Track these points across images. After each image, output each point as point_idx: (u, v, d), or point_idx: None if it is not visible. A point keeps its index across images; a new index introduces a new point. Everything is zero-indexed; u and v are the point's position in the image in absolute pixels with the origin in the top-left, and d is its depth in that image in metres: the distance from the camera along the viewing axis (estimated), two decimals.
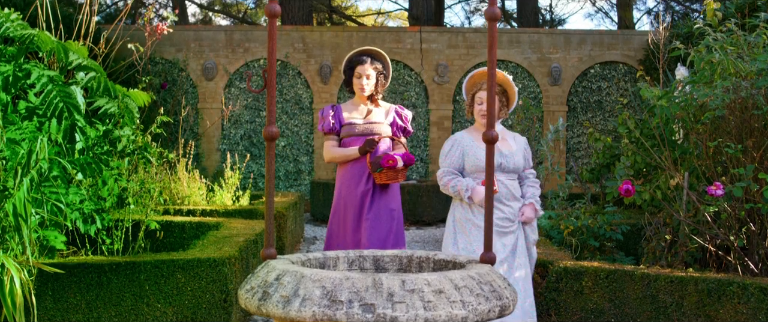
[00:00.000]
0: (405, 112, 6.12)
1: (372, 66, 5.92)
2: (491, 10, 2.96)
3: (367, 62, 5.91)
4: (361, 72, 5.89)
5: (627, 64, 16.84)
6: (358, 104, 6.02)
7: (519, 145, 5.46)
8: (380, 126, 5.93)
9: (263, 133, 2.93)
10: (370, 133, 5.87)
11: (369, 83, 5.91)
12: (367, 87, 5.91)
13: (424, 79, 16.75)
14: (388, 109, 6.10)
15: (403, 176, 5.78)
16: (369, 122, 5.93)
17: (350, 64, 5.98)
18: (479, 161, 5.28)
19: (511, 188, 5.31)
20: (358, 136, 5.86)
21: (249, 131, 16.54)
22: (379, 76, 5.96)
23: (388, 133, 5.94)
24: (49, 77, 5.67)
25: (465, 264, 3.05)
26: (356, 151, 5.79)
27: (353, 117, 5.95)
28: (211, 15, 33.16)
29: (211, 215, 8.56)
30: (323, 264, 3.18)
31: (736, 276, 5.11)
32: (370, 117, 5.97)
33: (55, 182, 5.38)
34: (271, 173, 2.95)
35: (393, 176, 5.71)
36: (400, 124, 6.06)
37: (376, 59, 6.00)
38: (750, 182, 5.40)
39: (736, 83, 5.71)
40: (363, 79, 5.89)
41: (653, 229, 6.19)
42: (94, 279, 5.22)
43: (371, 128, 5.90)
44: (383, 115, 6.04)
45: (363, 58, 5.92)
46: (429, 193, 13.40)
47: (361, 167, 5.84)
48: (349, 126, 5.90)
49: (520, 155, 5.40)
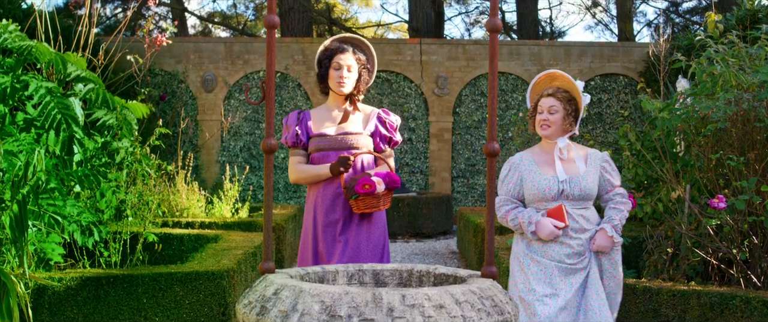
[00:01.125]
0: (390, 117, 4.92)
1: (355, 56, 4.80)
2: (492, 22, 2.93)
3: (349, 51, 4.79)
4: (341, 62, 4.75)
5: (627, 76, 16.83)
6: (331, 108, 4.85)
7: (592, 165, 4.55)
8: (358, 137, 4.77)
9: (262, 145, 2.90)
10: (346, 146, 4.73)
11: (350, 77, 4.77)
12: (347, 82, 4.76)
13: (424, 91, 16.74)
14: (368, 115, 4.89)
15: (387, 202, 4.62)
16: (343, 133, 4.76)
17: (327, 54, 4.83)
18: (540, 189, 4.45)
19: (579, 221, 4.45)
20: (329, 151, 4.73)
21: (248, 143, 16.51)
22: (362, 71, 4.84)
23: (368, 145, 4.79)
24: (47, 89, 5.64)
25: (466, 278, 3.01)
26: (327, 169, 4.65)
27: (324, 127, 4.80)
28: (210, 27, 33.19)
29: (209, 228, 8.52)
30: (322, 278, 3.14)
31: (738, 290, 5.07)
32: (346, 126, 4.80)
33: (53, 194, 5.34)
34: (269, 186, 2.91)
35: (373, 204, 4.56)
36: (384, 134, 4.88)
37: (360, 49, 4.90)
38: (752, 194, 5.37)
39: (738, 95, 5.69)
40: (343, 70, 4.75)
41: (655, 242, 6.16)
42: (91, 292, 5.18)
43: (346, 141, 4.74)
44: (362, 122, 4.86)
45: (344, 47, 4.81)
46: (429, 205, 13.36)
47: (336, 189, 4.71)
48: (319, 138, 4.75)
49: (593, 178, 4.50)
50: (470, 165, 16.81)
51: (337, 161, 4.58)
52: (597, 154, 4.60)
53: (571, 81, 4.54)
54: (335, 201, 4.69)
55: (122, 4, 26.92)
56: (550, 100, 4.54)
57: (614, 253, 4.48)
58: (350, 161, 4.56)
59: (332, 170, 4.61)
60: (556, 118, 4.52)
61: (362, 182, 4.49)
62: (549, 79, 4.67)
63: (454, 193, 16.68)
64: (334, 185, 4.69)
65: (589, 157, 4.56)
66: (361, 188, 4.46)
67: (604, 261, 4.46)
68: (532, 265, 4.41)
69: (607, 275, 4.47)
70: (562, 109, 4.52)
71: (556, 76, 4.64)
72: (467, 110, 16.86)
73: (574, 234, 4.40)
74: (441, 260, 10.70)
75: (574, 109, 4.55)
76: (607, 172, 4.56)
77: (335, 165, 4.59)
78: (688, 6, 29.03)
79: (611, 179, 4.57)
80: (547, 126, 4.55)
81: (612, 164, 4.61)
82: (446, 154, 16.70)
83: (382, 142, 4.88)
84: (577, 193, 4.42)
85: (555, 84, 4.63)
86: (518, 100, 16.86)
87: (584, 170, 4.49)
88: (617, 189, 4.60)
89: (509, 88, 16.87)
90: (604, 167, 4.56)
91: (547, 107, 4.54)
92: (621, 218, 4.49)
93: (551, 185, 4.43)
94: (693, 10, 28.52)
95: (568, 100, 4.52)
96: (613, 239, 4.41)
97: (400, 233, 13.11)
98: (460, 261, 10.59)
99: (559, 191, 4.42)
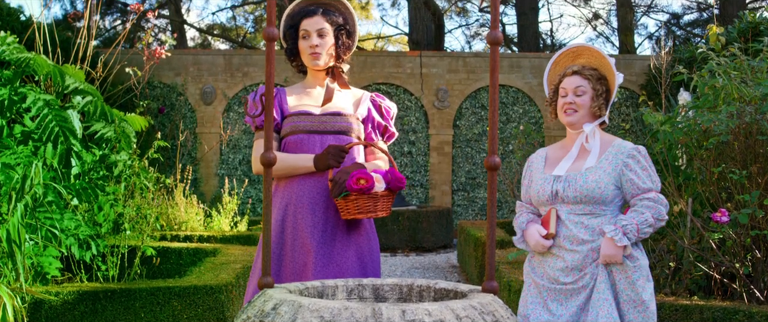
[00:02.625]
0: (386, 102, 3.91)
1: (326, 19, 3.73)
2: (493, 34, 2.90)
3: (318, 14, 3.73)
4: (309, 28, 3.69)
5: (629, 88, 16.83)
6: (310, 86, 3.83)
7: (609, 160, 3.58)
8: (347, 120, 3.71)
9: (260, 159, 2.87)
10: (333, 130, 3.67)
11: (323, 45, 3.70)
12: (322, 52, 3.70)
13: (424, 103, 16.72)
14: (359, 97, 3.88)
15: (385, 209, 3.50)
16: (330, 113, 3.70)
17: (292, 21, 3.79)
18: (535, 190, 3.68)
19: (573, 229, 3.56)
20: (311, 133, 3.64)
21: (248, 156, 16.49)
22: (339, 34, 3.77)
23: (360, 132, 3.76)
24: (45, 101, 5.62)
25: (467, 294, 2.98)
26: (310, 161, 3.57)
27: (304, 104, 3.74)
28: (210, 39, 33.23)
29: (208, 241, 8.49)
30: (321, 293, 3.11)
31: (741, 304, 5.03)
32: (332, 105, 3.75)
33: (50, 208, 5.31)
34: (268, 200, 2.88)
35: (368, 207, 3.45)
36: (379, 122, 3.85)
37: (331, 9, 3.80)
38: (755, 208, 5.34)
39: (741, 108, 5.66)
40: (313, 37, 3.69)
41: (657, 256, 6.12)
42: (88, 306, 5.14)
43: (333, 123, 3.68)
44: (352, 102, 3.83)
45: (310, 9, 3.74)
46: (429, 219, 13.33)
47: (316, 186, 3.62)
48: (297, 117, 3.67)
49: (603, 177, 3.54)
50: (471, 178, 16.79)
51: (326, 152, 3.53)
52: (621, 148, 3.59)
53: (601, 55, 3.72)
54: (315, 204, 3.60)
55: (121, 16, 26.97)
56: (575, 78, 3.69)
57: (630, 269, 3.49)
58: (344, 154, 3.55)
59: (318, 163, 3.55)
60: (584, 100, 3.65)
61: (356, 175, 3.39)
62: (572, 56, 3.82)
63: (455, 206, 16.65)
64: (314, 181, 3.62)
65: (608, 151, 3.61)
66: (354, 183, 3.37)
67: (619, 279, 3.51)
68: (532, 286, 3.67)
69: (625, 298, 3.51)
70: (591, 90, 3.66)
71: (581, 51, 3.79)
72: (468, 123, 16.85)
73: (568, 245, 3.54)
74: (441, 275, 10.66)
75: (606, 89, 3.70)
76: (631, 170, 3.54)
77: (323, 157, 3.54)
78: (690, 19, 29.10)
79: (636, 180, 3.54)
80: (572, 111, 3.67)
81: (641, 161, 3.56)
82: (446, 167, 16.68)
83: (375, 132, 3.86)
84: (571, 195, 3.54)
85: (580, 61, 3.79)
86: (519, 112, 16.86)
87: (590, 166, 3.59)
88: (648, 194, 3.54)
89: (510, 101, 16.85)
90: (627, 163, 3.54)
91: (572, 88, 3.67)
92: (639, 223, 3.46)
93: (545, 185, 3.63)
94: (694, 22, 28.58)
95: (598, 79, 3.68)
96: (618, 244, 3.43)
97: (399, 246, 13.07)
98: (460, 275, 10.54)
99: (552, 192, 3.60)
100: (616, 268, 3.50)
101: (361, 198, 3.40)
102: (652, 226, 3.50)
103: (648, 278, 3.55)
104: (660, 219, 3.51)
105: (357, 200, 3.41)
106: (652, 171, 3.57)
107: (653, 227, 3.51)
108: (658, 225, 3.51)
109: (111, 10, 26.75)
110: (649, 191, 3.53)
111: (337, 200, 3.45)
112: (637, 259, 3.53)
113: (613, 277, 3.51)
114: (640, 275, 3.52)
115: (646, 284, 3.52)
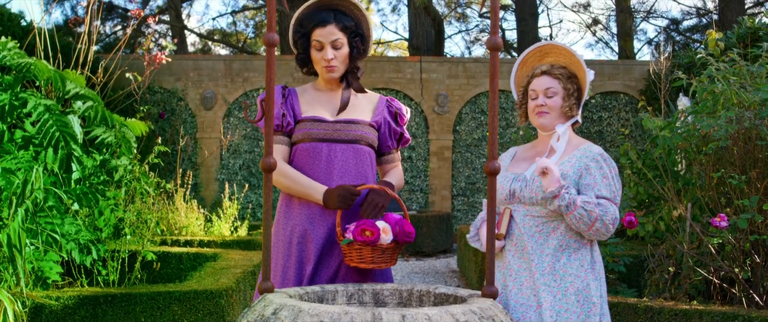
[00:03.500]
0: (402, 107, 3.77)
1: (340, 27, 3.53)
2: (493, 40, 2.91)
3: (331, 23, 3.52)
4: (323, 40, 3.51)
5: (628, 94, 16.83)
6: (322, 90, 3.66)
7: (571, 163, 3.33)
8: (362, 128, 3.58)
9: (261, 164, 2.87)
10: (347, 139, 3.53)
11: (339, 55, 3.55)
12: (337, 63, 3.55)
13: (424, 108, 16.73)
14: (375, 103, 3.71)
15: (391, 259, 3.34)
16: (346, 120, 3.56)
17: (303, 29, 3.58)
18: (499, 188, 3.41)
19: (526, 234, 3.32)
20: (326, 142, 3.52)
21: (248, 161, 16.49)
22: (353, 41, 3.59)
23: (373, 140, 3.63)
24: (46, 106, 5.63)
25: (467, 298, 2.98)
26: (321, 194, 3.41)
27: (316, 109, 3.58)
28: (210, 44, 33.25)
29: (208, 246, 8.50)
30: (322, 298, 3.11)
31: (740, 309, 5.03)
32: (347, 112, 3.60)
33: (51, 212, 5.32)
34: (268, 204, 2.89)
35: (372, 258, 3.28)
36: (395, 128, 3.72)
37: (345, 14, 3.60)
38: (754, 213, 5.35)
39: (740, 113, 5.67)
40: (328, 51, 3.52)
41: (656, 261, 6.13)
42: (89, 311, 5.15)
43: (349, 131, 3.54)
44: (368, 108, 3.68)
45: (324, 17, 3.52)
46: (429, 223, 13.33)
47: (333, 219, 3.48)
48: (312, 123, 3.52)
49: (569, 176, 3.29)
50: (470, 183, 16.79)
51: (336, 194, 3.37)
52: (587, 151, 3.37)
53: (569, 52, 3.49)
54: (329, 236, 3.48)
55: (122, 21, 27.00)
56: (545, 79, 3.47)
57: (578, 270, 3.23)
58: (354, 197, 3.38)
59: (328, 202, 3.40)
60: (556, 101, 3.45)
61: (361, 226, 3.24)
62: (539, 55, 3.59)
63: (455, 211, 16.65)
64: (331, 214, 3.48)
65: (573, 153, 3.39)
66: (359, 234, 3.22)
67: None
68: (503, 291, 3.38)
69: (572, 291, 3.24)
70: (562, 89, 3.45)
71: (548, 49, 3.56)
72: (467, 128, 16.85)
73: (510, 256, 3.36)
74: (441, 279, 10.66)
75: (577, 88, 3.49)
76: (590, 174, 3.30)
77: (333, 197, 3.38)
78: (689, 24, 29.13)
79: (592, 185, 3.28)
80: (544, 113, 3.47)
81: (604, 168, 3.32)
82: (446, 172, 16.68)
83: (390, 139, 3.71)
84: (527, 195, 3.31)
85: (548, 60, 3.57)
86: None
87: (557, 167, 3.32)
88: (604, 198, 3.28)
89: (510, 106, 16.86)
90: (588, 167, 3.31)
91: (542, 89, 3.45)
92: (583, 202, 3.17)
93: (504, 184, 3.40)
94: (693, 28, 28.60)
95: (568, 78, 3.46)
96: (559, 182, 3.17)
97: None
98: (460, 280, 10.54)
99: (510, 191, 3.37)
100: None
101: (365, 248, 3.25)
102: (590, 217, 3.19)
103: (595, 277, 3.31)
104: (602, 222, 3.21)
105: (361, 249, 3.26)
106: (614, 182, 3.32)
107: (589, 220, 3.19)
108: (596, 226, 3.20)
109: (111, 16, 26.78)
110: (604, 200, 3.26)
111: (342, 245, 3.30)
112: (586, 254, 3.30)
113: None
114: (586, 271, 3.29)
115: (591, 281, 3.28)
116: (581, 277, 3.24)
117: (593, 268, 3.30)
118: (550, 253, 3.27)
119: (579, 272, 3.24)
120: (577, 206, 3.16)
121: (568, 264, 3.25)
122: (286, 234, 3.52)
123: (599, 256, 3.39)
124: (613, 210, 3.23)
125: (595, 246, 3.38)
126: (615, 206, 3.26)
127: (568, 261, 3.26)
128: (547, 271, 3.24)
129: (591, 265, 3.29)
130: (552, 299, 3.19)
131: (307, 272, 3.44)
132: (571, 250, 3.28)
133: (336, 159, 3.51)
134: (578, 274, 3.24)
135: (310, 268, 3.44)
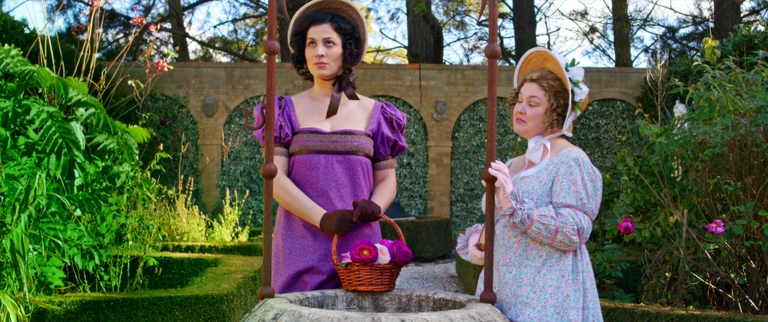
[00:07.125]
0: (397, 113, 3.75)
1: (334, 27, 3.55)
2: (491, 48, 2.96)
3: (327, 21, 3.55)
4: (316, 37, 3.53)
5: (625, 101, 16.87)
6: (317, 97, 3.65)
7: (547, 169, 3.21)
8: (358, 139, 3.57)
9: (261, 170, 2.92)
10: (343, 150, 3.53)
11: (329, 55, 3.54)
12: (328, 61, 3.54)
13: (423, 115, 16.76)
14: (370, 110, 3.70)
15: (390, 282, 3.25)
16: (342, 131, 3.55)
17: (300, 27, 3.63)
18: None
19: (504, 246, 3.27)
20: (323, 154, 3.51)
21: (248, 167, 16.52)
22: (347, 43, 3.60)
23: (369, 150, 3.60)
24: (49, 113, 5.67)
25: (465, 303, 3.02)
26: (319, 217, 3.42)
27: (313, 119, 3.59)
28: (211, 52, 33.25)
29: (209, 252, 8.52)
30: (322, 303, 3.14)
31: (736, 314, 5.06)
32: (344, 121, 3.60)
33: (54, 218, 5.36)
34: (269, 210, 2.93)
35: (369, 280, 3.20)
36: (389, 136, 3.68)
37: (341, 15, 3.64)
38: (750, 219, 5.37)
39: (735, 121, 5.71)
40: (319, 47, 3.52)
41: (653, 266, 6.16)
42: (91, 316, 5.18)
43: (345, 142, 3.54)
44: (362, 116, 3.67)
45: (319, 16, 3.57)
46: (428, 229, 13.36)
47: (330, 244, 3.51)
48: (308, 135, 3.52)
49: (540, 188, 3.17)
50: (469, 189, 16.82)
51: (335, 218, 3.39)
52: (565, 155, 3.21)
53: (560, 68, 3.31)
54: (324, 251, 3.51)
55: (124, 29, 27.02)
56: (533, 87, 3.32)
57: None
58: (352, 224, 3.40)
59: (325, 226, 3.41)
60: (536, 112, 3.31)
61: (359, 245, 3.18)
62: (541, 59, 3.43)
63: (453, 217, 16.67)
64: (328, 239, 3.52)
65: (553, 159, 3.25)
66: (356, 253, 3.16)
67: None
68: None
69: None
70: (546, 102, 3.30)
71: (548, 56, 3.39)
72: (466, 135, 16.89)
73: (500, 258, 3.28)
74: (440, 284, 10.68)
75: (563, 104, 3.31)
76: (559, 179, 3.18)
77: (331, 222, 3.39)
78: (685, 32, 29.12)
79: (558, 189, 3.17)
80: (522, 121, 3.36)
81: (576, 171, 3.17)
82: (445, 178, 16.70)
83: (383, 147, 3.68)
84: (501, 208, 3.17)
85: (547, 66, 3.41)
86: None
87: (527, 175, 3.27)
88: (562, 210, 3.14)
89: (508, 113, 16.89)
90: (559, 170, 3.19)
91: (526, 96, 3.32)
92: (539, 216, 3.07)
93: None
94: (690, 36, 28.60)
95: (557, 92, 3.29)
96: (507, 193, 3.07)
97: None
98: (458, 285, 10.57)
99: None
100: None
101: (363, 269, 3.16)
102: (548, 230, 3.08)
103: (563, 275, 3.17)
104: (563, 234, 3.09)
105: (359, 271, 3.17)
106: (583, 188, 3.15)
107: (549, 234, 3.09)
108: (558, 238, 3.10)
109: (114, 24, 26.78)
110: (570, 207, 3.14)
111: (339, 269, 3.23)
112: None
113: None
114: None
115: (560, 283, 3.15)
116: (561, 288, 3.14)
117: (575, 278, 3.19)
118: (530, 263, 3.19)
119: (560, 282, 3.14)
120: (534, 220, 3.07)
121: (549, 275, 3.15)
122: (286, 247, 3.55)
123: (586, 264, 3.29)
124: (577, 219, 3.10)
125: (582, 255, 3.28)
126: (582, 213, 3.14)
127: (548, 272, 3.16)
128: (525, 282, 3.16)
129: (572, 275, 3.18)
130: (531, 312, 3.11)
131: (307, 279, 3.48)
132: (553, 259, 3.18)
133: (333, 171, 3.52)
134: (558, 285, 3.14)
135: (310, 276, 3.49)
